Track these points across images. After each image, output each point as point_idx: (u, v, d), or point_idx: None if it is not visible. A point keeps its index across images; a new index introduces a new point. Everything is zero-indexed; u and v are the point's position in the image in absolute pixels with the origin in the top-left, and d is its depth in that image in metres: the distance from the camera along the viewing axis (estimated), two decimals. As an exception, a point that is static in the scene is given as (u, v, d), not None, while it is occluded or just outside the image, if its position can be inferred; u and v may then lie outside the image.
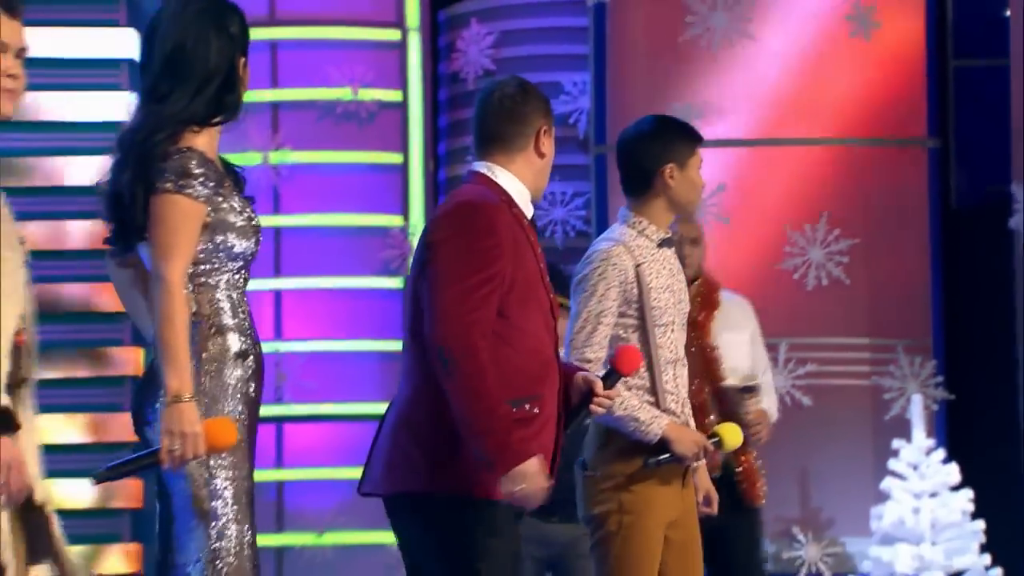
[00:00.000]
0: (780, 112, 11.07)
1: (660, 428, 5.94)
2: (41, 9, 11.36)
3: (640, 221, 6.08)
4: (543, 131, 5.54)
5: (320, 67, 11.40)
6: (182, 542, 4.85)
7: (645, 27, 11.21)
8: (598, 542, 5.99)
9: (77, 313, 11.32)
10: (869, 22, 10.97)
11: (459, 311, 5.19)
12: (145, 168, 4.90)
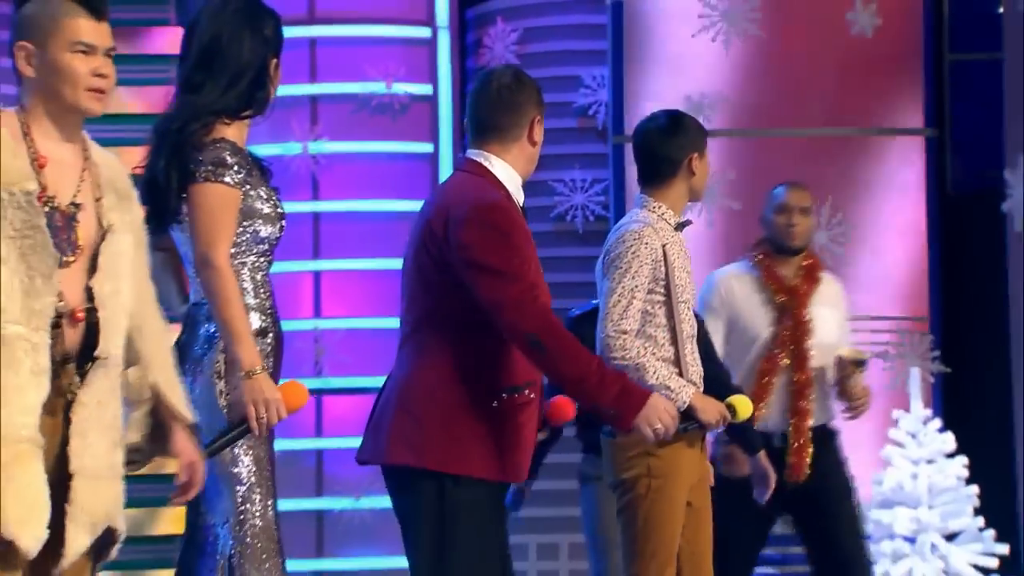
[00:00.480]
0: (787, 103, 11.05)
1: (688, 396, 5.98)
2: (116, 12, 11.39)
3: (659, 206, 6.18)
4: (536, 120, 5.54)
5: (356, 63, 11.38)
6: (211, 505, 4.95)
7: (660, 24, 11.15)
8: (626, 505, 6.03)
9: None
10: (870, 19, 10.92)
11: (530, 300, 5.23)
12: (179, 156, 5.00)
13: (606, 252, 6.08)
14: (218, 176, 4.93)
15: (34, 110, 4.36)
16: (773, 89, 11.02)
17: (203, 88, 5.10)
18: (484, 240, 5.24)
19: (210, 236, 4.90)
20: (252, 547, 4.86)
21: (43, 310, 4.27)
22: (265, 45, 5.14)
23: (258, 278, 5.04)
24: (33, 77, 4.33)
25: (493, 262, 5.23)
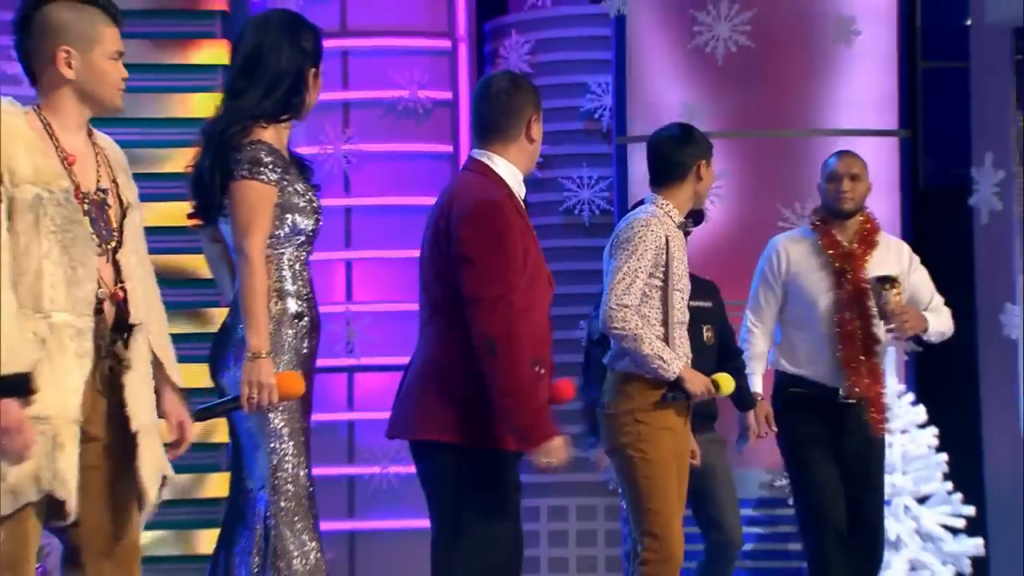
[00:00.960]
0: (774, 107, 10.97)
1: (678, 368, 6.04)
2: (150, 24, 11.42)
3: (667, 204, 6.25)
4: (533, 119, 5.52)
5: (384, 72, 11.37)
6: (250, 471, 4.94)
7: (658, 36, 11.12)
8: (622, 468, 6.10)
9: (181, 279, 11.37)
10: (850, 31, 10.88)
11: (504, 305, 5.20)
12: (222, 156, 4.98)
13: (615, 236, 6.13)
14: (255, 174, 4.93)
15: (58, 107, 4.38)
16: (761, 94, 10.95)
17: (244, 94, 5.09)
18: (476, 237, 5.25)
19: (246, 228, 4.90)
20: (286, 509, 4.87)
21: (86, 297, 4.30)
22: (303, 56, 5.13)
23: (296, 267, 5.04)
24: (72, 79, 4.36)
25: (479, 259, 5.23)
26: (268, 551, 4.83)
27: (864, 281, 7.33)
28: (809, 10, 10.98)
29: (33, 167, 4.25)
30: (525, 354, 5.21)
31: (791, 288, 7.45)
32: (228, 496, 5.10)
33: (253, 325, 4.84)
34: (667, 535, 5.97)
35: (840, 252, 7.41)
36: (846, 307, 7.27)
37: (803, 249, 7.51)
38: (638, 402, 5.97)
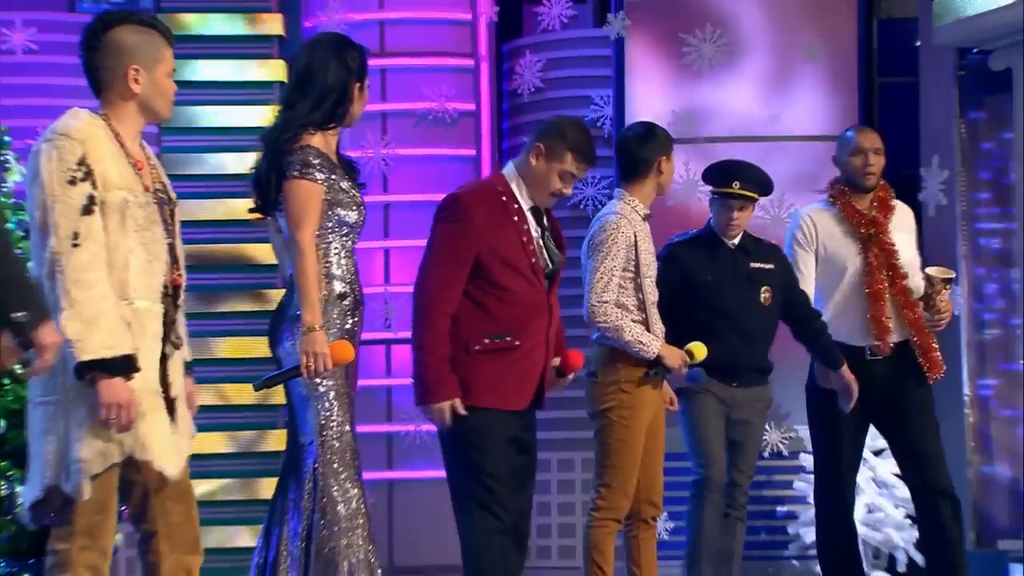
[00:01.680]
0: (752, 116, 10.96)
1: (657, 348, 6.03)
2: (221, 46, 11.48)
3: (632, 199, 6.16)
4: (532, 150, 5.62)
5: (416, 86, 11.40)
6: (302, 428, 4.93)
7: (652, 55, 11.15)
8: (601, 428, 6.08)
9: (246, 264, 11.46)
10: (816, 51, 10.90)
11: (434, 282, 5.35)
12: (276, 159, 4.96)
13: (590, 237, 6.09)
14: (304, 174, 4.92)
15: (123, 117, 4.40)
16: (740, 104, 10.96)
17: (297, 106, 5.08)
18: (434, 221, 5.48)
19: (298, 221, 4.89)
20: (332, 461, 4.86)
21: (158, 286, 4.34)
22: (348, 72, 5.10)
23: (342, 254, 5.02)
24: (138, 93, 4.39)
25: (432, 239, 5.46)
26: (316, 496, 4.85)
27: (889, 243, 6.94)
28: (782, 33, 10.99)
29: (119, 174, 4.28)
30: (439, 320, 5.29)
31: (820, 255, 7.01)
32: (285, 449, 5.11)
33: (307, 303, 4.85)
34: (620, 488, 5.97)
35: (864, 219, 6.96)
36: (875, 269, 6.85)
37: (827, 219, 7.07)
38: (623, 374, 5.98)
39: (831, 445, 6.91)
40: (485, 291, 5.29)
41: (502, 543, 5.41)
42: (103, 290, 4.16)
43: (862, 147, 7.01)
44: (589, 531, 5.96)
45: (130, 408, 4.13)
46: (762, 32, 11.00)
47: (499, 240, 5.32)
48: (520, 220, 5.41)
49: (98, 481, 4.20)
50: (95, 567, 4.23)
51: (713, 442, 6.59)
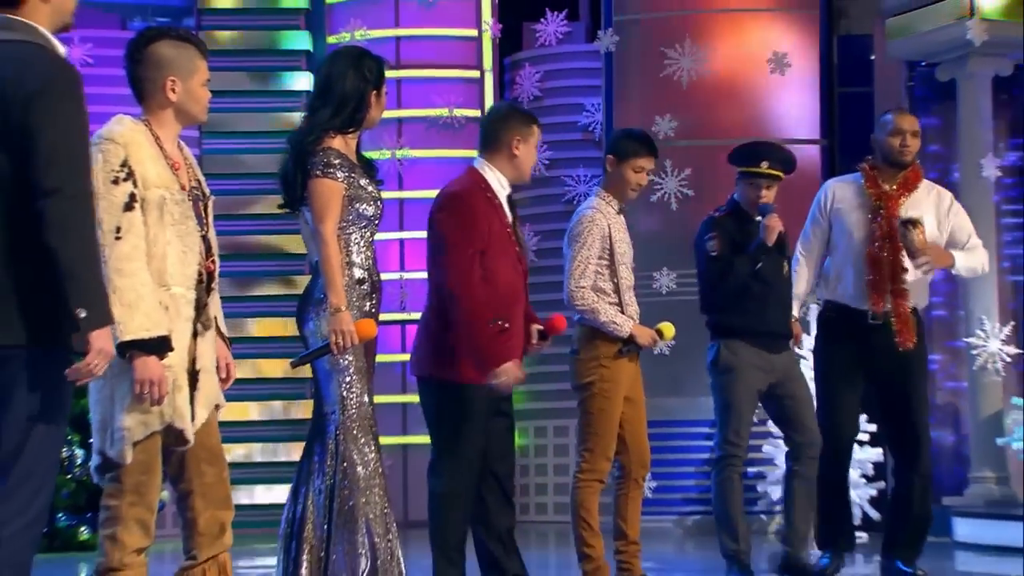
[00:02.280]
0: (726, 121, 10.92)
1: (629, 327, 5.97)
2: (254, 60, 11.50)
3: (607, 196, 6.07)
4: (517, 140, 5.46)
5: (428, 95, 11.45)
6: (326, 398, 4.90)
7: (637, 67, 11.15)
8: (584, 400, 6.02)
9: (277, 253, 11.52)
10: (783, 64, 10.89)
11: (464, 272, 5.22)
12: (301, 160, 4.93)
13: (570, 229, 6.04)
14: (326, 173, 4.85)
15: (162, 122, 4.36)
16: (716, 111, 10.95)
17: (319, 112, 5.00)
18: (444, 219, 5.34)
19: (321, 215, 4.83)
20: (352, 428, 4.82)
21: (192, 274, 4.32)
22: (365, 81, 5.01)
23: (361, 244, 4.94)
24: (175, 101, 4.35)
25: (444, 235, 5.31)
26: (338, 459, 4.83)
27: (897, 217, 6.63)
28: (753, 48, 10.98)
29: (157, 174, 4.28)
30: (481, 308, 5.21)
31: (834, 222, 6.70)
32: (311, 418, 5.10)
33: (333, 287, 4.82)
34: (601, 452, 5.92)
35: (878, 192, 6.63)
36: (878, 239, 6.55)
37: (849, 190, 6.72)
38: (601, 351, 5.91)
39: (831, 412, 6.61)
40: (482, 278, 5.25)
41: (466, 502, 5.40)
42: (143, 278, 4.17)
43: (901, 128, 6.63)
44: (576, 491, 5.94)
45: (162, 384, 4.13)
46: (736, 47, 11.00)
47: (492, 233, 5.32)
48: (501, 211, 5.39)
49: (141, 446, 4.21)
50: (142, 520, 4.24)
51: (744, 423, 6.35)
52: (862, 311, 6.55)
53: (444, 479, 5.37)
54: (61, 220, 3.55)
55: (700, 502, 10.72)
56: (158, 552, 4.76)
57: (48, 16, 3.75)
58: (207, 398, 4.36)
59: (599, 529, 5.94)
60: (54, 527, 9.57)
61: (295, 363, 4.97)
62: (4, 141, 3.56)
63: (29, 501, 3.58)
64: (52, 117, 3.56)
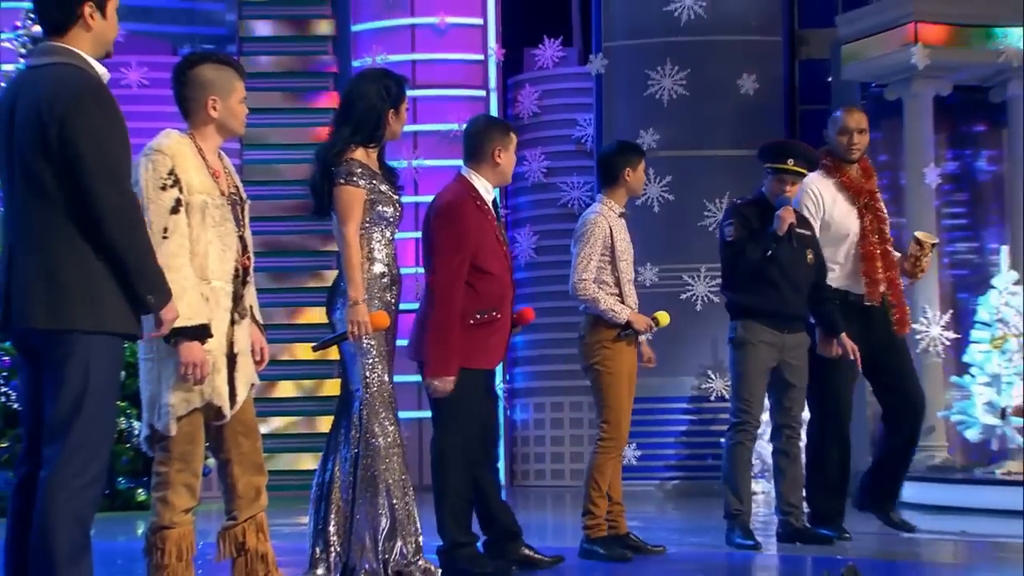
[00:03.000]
0: (702, 135, 10.90)
1: (626, 315, 5.94)
2: (288, 81, 11.49)
3: (609, 201, 6.06)
4: (498, 149, 5.38)
5: (441, 111, 11.37)
6: (351, 377, 4.92)
7: (624, 87, 11.10)
8: (593, 379, 6.00)
9: (307, 251, 11.48)
10: (752, 84, 10.88)
11: (450, 277, 5.18)
12: (326, 169, 4.92)
13: (576, 230, 6.02)
14: (349, 181, 4.84)
15: (205, 135, 4.34)
16: (693, 127, 10.90)
17: (342, 128, 4.98)
18: (439, 227, 5.28)
19: (344, 218, 4.82)
20: (374, 404, 4.84)
21: (230, 269, 4.30)
22: (383, 101, 4.95)
23: (383, 242, 4.93)
24: (216, 117, 4.32)
25: (437, 240, 5.28)
26: (362, 431, 4.83)
27: (882, 212, 6.47)
28: (725, 70, 10.93)
29: (200, 181, 4.26)
30: (456, 307, 5.14)
31: (826, 220, 6.45)
32: (338, 395, 5.10)
33: (351, 283, 4.82)
34: (617, 421, 5.91)
35: (860, 190, 6.45)
36: (869, 233, 6.38)
37: (830, 188, 6.49)
38: (604, 335, 5.89)
39: (837, 395, 6.41)
40: (473, 275, 5.23)
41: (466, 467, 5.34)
42: (186, 273, 4.15)
43: (848, 127, 6.49)
44: (595, 456, 5.89)
45: (203, 366, 4.12)
46: (710, 70, 10.97)
47: (482, 233, 5.27)
48: (489, 215, 5.34)
49: (185, 420, 4.20)
50: (189, 484, 4.24)
51: (755, 394, 6.22)
52: (858, 295, 6.41)
53: (446, 449, 5.34)
54: (118, 219, 3.59)
55: (679, 468, 10.73)
56: (204, 512, 4.73)
57: (90, 43, 3.76)
58: (245, 378, 4.35)
59: (606, 493, 5.91)
60: (115, 489, 9.58)
61: (316, 347, 4.96)
62: (45, 153, 3.60)
63: (85, 466, 3.61)
64: (87, 129, 3.58)
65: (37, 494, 3.63)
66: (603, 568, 5.57)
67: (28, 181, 3.64)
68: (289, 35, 11.76)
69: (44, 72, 3.69)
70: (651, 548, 6.03)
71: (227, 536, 4.40)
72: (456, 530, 5.27)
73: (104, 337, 3.64)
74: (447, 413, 5.31)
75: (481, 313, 5.22)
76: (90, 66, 3.72)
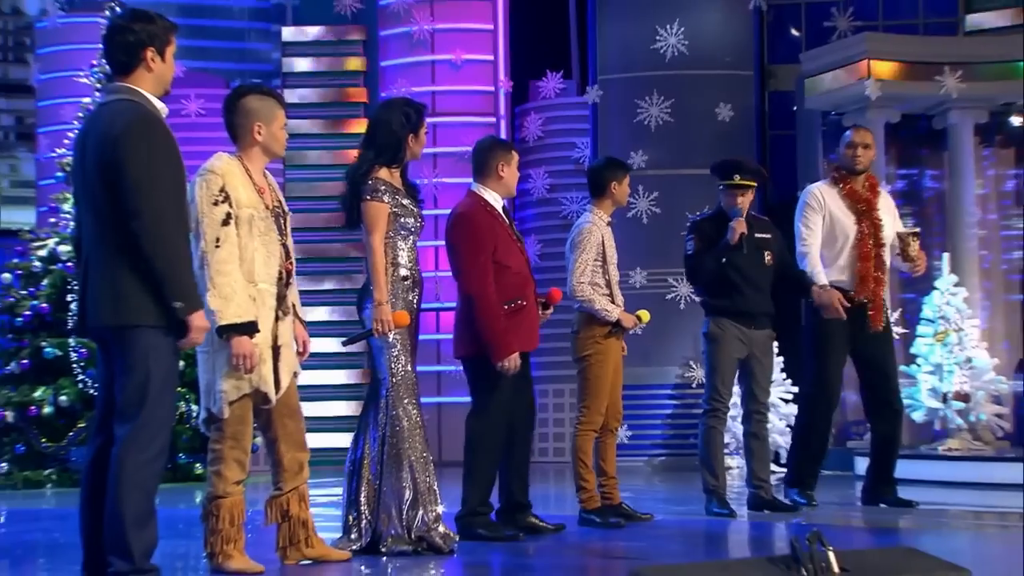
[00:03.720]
0: (685, 156, 10.86)
1: (616, 314, 5.91)
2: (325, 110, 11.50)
3: (598, 211, 6.02)
4: (502, 164, 5.32)
5: (457, 135, 11.36)
6: (378, 368, 4.88)
7: (616, 114, 11.09)
8: (582, 369, 5.95)
9: (341, 257, 11.47)
10: (727, 112, 10.89)
11: (479, 276, 5.14)
12: (355, 187, 4.88)
13: (571, 238, 5.98)
14: (374, 197, 4.80)
15: (251, 157, 4.35)
16: (676, 149, 10.88)
17: (367, 151, 4.94)
18: (458, 236, 5.24)
19: (370, 230, 4.77)
20: (399, 390, 4.81)
21: (274, 273, 4.31)
22: (403, 127, 4.89)
23: (406, 249, 4.87)
24: (260, 141, 4.34)
25: (460, 248, 5.22)
26: (388, 414, 4.81)
27: (878, 220, 6.34)
28: (704, 100, 10.93)
29: (247, 197, 4.27)
30: (490, 303, 5.11)
31: (827, 221, 6.35)
32: (368, 383, 5.08)
33: (376, 286, 4.77)
34: (596, 408, 5.85)
35: (860, 199, 6.36)
36: (866, 237, 6.27)
37: (833, 194, 6.40)
38: (596, 331, 5.86)
39: (827, 372, 6.31)
40: (495, 271, 5.21)
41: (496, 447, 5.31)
42: (236, 277, 4.17)
43: (854, 142, 6.41)
44: (576, 438, 5.90)
45: (252, 357, 4.15)
46: (691, 99, 10.96)
47: (495, 234, 5.26)
48: (500, 219, 5.31)
49: (236, 405, 4.22)
50: (240, 460, 4.25)
51: (725, 382, 6.14)
52: (851, 293, 6.30)
53: (479, 432, 5.30)
54: (148, 235, 3.61)
55: (665, 447, 10.71)
56: (253, 483, 4.75)
57: (151, 82, 3.80)
58: (288, 367, 4.36)
59: (592, 467, 5.90)
60: (176, 463, 9.59)
61: (345, 343, 4.94)
62: (102, 175, 3.63)
63: (148, 443, 3.64)
64: (131, 155, 3.61)
65: (109, 468, 3.65)
66: (599, 534, 5.57)
67: (94, 202, 3.67)
68: (326, 71, 11.79)
69: (110, 107, 3.73)
70: (640, 516, 6.01)
71: (273, 504, 4.43)
72: (476, 501, 5.26)
73: (160, 330, 3.65)
74: (483, 401, 5.28)
75: (508, 303, 5.18)
76: (149, 102, 3.75)
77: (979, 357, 9.46)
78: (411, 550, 4.71)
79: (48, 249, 9.81)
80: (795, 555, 2.33)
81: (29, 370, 9.50)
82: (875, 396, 6.43)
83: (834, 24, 11.30)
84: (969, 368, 9.40)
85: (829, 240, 6.40)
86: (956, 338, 9.38)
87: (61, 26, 11.74)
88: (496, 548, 5.00)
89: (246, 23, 12.29)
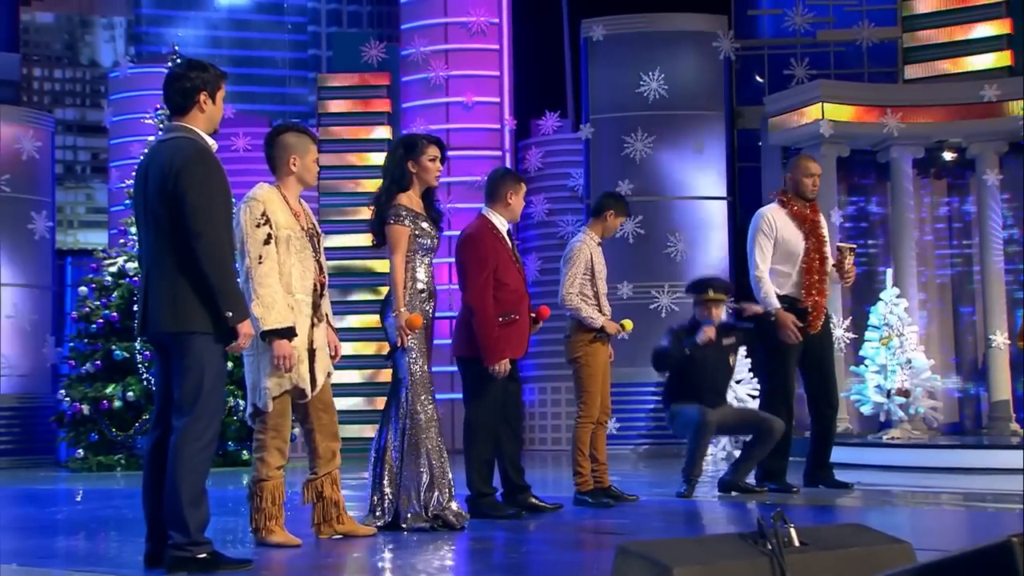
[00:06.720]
0: (666, 184, 10.85)
1: (600, 321, 5.85)
2: (354, 145, 11.45)
3: (591, 232, 5.97)
4: (510, 193, 5.29)
5: (468, 167, 11.37)
6: (399, 368, 4.83)
7: (606, 149, 11.07)
8: (575, 370, 5.89)
9: (368, 272, 11.42)
10: (701, 147, 10.88)
11: (480, 290, 5.10)
12: (380, 212, 4.84)
13: (564, 254, 5.94)
14: (397, 221, 4.77)
15: (288, 186, 4.34)
16: (659, 178, 10.86)
17: (387, 179, 4.92)
18: (466, 257, 5.20)
19: (393, 249, 4.72)
20: (416, 389, 4.77)
21: (309, 286, 4.29)
22: (403, 156, 4.82)
23: (424, 264, 4.84)
24: (295, 172, 4.33)
25: (467, 265, 5.18)
26: (407, 409, 4.78)
27: (823, 237, 6.24)
28: (682, 136, 10.91)
29: (285, 220, 4.26)
30: (492, 320, 5.08)
31: (779, 241, 6.20)
32: (390, 382, 5.06)
33: (397, 298, 4.76)
34: (591, 402, 5.82)
35: (806, 219, 6.22)
36: (811, 251, 6.14)
37: (783, 216, 6.24)
38: (584, 336, 5.80)
39: (784, 375, 6.20)
40: (496, 287, 5.19)
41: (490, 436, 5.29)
42: (276, 288, 4.17)
43: (812, 172, 6.24)
44: (575, 430, 5.88)
45: (292, 358, 4.14)
46: (671, 135, 10.96)
47: (498, 254, 5.25)
48: (504, 241, 5.29)
49: (278, 400, 4.21)
50: (280, 448, 4.24)
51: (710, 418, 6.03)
52: (800, 301, 6.21)
53: (474, 421, 5.28)
54: (207, 254, 3.58)
55: (648, 436, 10.69)
56: (292, 468, 4.73)
57: (204, 122, 3.78)
58: (322, 368, 4.34)
59: (589, 455, 5.87)
60: (225, 450, 9.60)
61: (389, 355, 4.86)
62: (165, 202, 3.62)
63: (202, 432, 3.62)
64: (193, 182, 3.59)
65: (168, 454, 3.64)
66: (591, 512, 5.54)
67: (156, 223, 3.65)
68: (355, 111, 11.80)
69: (169, 143, 3.72)
70: (627, 497, 5.98)
71: (309, 487, 4.41)
72: (480, 483, 5.23)
73: (212, 336, 3.64)
74: (475, 395, 5.27)
75: (503, 316, 5.16)
76: (202, 138, 3.75)
77: (918, 359, 9.51)
78: (428, 527, 4.69)
79: (118, 266, 9.97)
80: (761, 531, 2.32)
81: (101, 370, 9.67)
82: (814, 394, 6.36)
83: (793, 72, 11.39)
84: (909, 368, 9.43)
85: (783, 258, 6.30)
86: (898, 342, 9.43)
87: (131, 75, 11.84)
88: (501, 525, 4.98)
89: (287, 71, 12.36)
